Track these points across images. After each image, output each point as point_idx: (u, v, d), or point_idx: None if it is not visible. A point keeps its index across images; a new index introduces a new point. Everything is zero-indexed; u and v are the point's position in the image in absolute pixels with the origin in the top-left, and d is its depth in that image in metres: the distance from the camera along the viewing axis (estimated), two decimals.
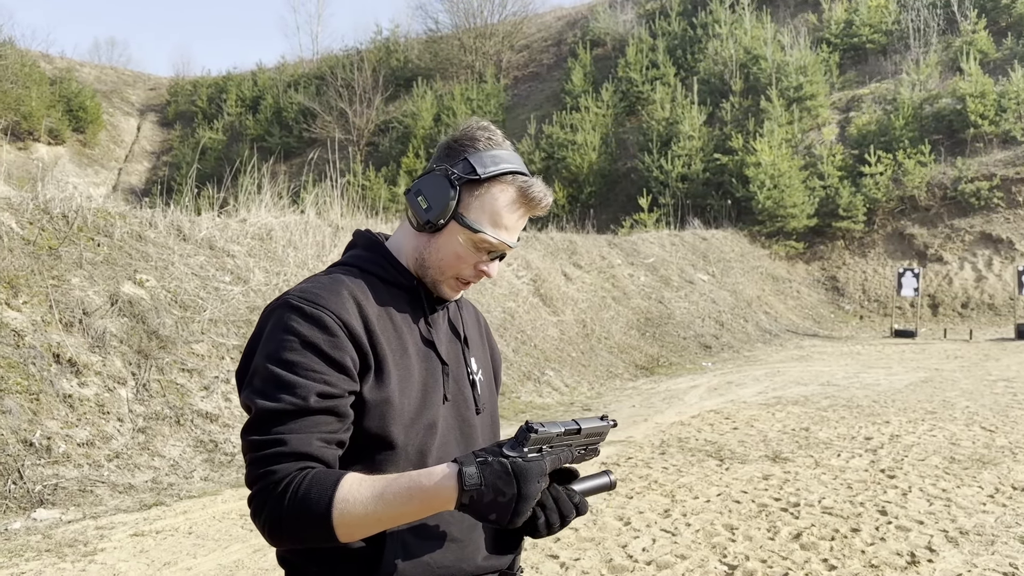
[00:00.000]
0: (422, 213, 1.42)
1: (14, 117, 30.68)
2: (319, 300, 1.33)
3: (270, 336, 1.32)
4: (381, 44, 35.94)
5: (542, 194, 1.44)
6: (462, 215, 1.40)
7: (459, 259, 1.43)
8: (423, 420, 1.39)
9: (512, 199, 1.42)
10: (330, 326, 1.31)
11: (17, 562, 4.27)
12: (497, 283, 11.70)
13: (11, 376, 6.15)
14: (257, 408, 1.28)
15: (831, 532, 4.49)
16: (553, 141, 24.89)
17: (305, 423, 1.27)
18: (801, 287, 19.54)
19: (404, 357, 1.40)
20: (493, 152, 1.42)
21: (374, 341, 1.35)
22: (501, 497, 1.18)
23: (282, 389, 1.27)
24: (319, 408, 1.28)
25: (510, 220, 1.42)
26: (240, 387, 1.35)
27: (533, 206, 1.44)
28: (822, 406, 8.68)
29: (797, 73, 23.18)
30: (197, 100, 38.34)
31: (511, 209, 1.42)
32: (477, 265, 1.45)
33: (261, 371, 1.30)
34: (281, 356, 1.29)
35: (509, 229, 1.43)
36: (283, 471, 1.24)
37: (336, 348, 1.30)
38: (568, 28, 35.48)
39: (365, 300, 1.39)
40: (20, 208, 7.75)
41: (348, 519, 1.21)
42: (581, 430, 1.33)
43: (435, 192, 1.41)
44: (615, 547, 4.35)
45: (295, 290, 1.37)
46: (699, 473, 5.98)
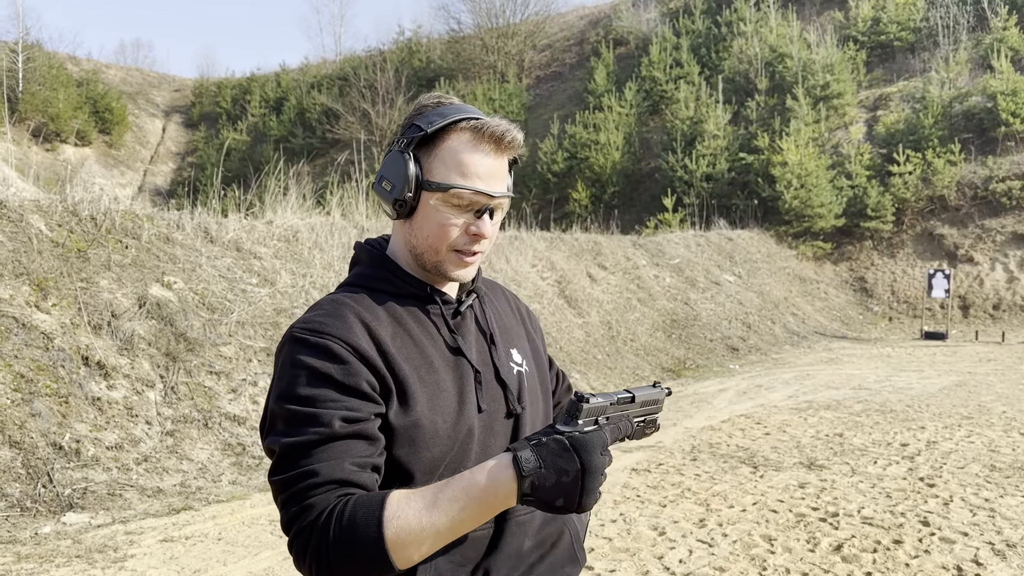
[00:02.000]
0: (388, 195, 1.33)
1: (42, 119, 31.04)
2: (323, 328, 1.26)
3: (280, 375, 1.26)
4: (403, 45, 35.98)
5: (502, 128, 1.31)
6: (427, 180, 1.30)
7: (444, 227, 1.31)
8: (460, 434, 1.30)
9: (469, 140, 1.30)
10: (339, 353, 1.23)
11: (48, 568, 4.25)
12: (522, 284, 11.62)
13: (40, 379, 6.16)
14: (280, 447, 1.20)
15: (873, 544, 4.37)
16: (576, 141, 24.76)
17: (333, 450, 1.18)
18: (829, 288, 19.30)
19: (431, 372, 1.30)
20: (441, 109, 1.33)
21: (391, 363, 1.26)
22: (564, 477, 1.09)
23: (302, 423, 1.20)
24: (345, 434, 1.19)
25: (478, 165, 1.30)
26: (262, 435, 1.27)
27: (498, 143, 1.31)
28: (855, 411, 8.52)
29: (824, 71, 22.90)
30: (221, 101, 38.59)
31: (473, 151, 1.30)
32: (467, 229, 1.32)
33: (277, 412, 1.23)
34: (294, 393, 1.22)
35: (482, 176, 1.30)
36: (321, 503, 1.15)
37: (349, 375, 1.22)
38: (591, 27, 35.32)
39: (375, 321, 1.30)
40: (49, 210, 7.78)
41: (403, 537, 1.11)
42: (635, 398, 1.28)
43: (393, 170, 1.32)
44: (651, 558, 4.26)
45: (299, 322, 1.29)
46: (733, 481, 5.86)
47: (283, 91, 36.41)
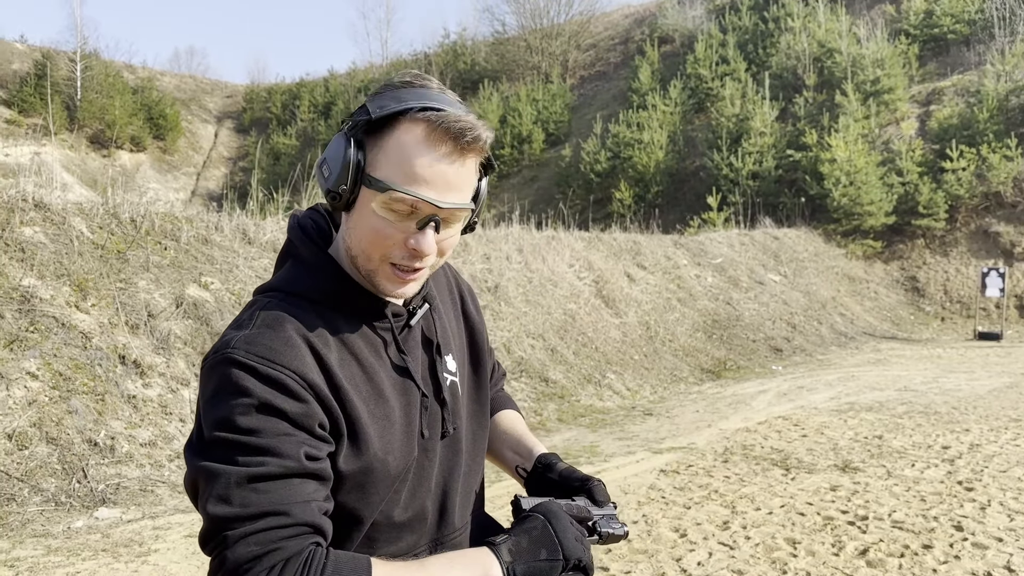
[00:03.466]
0: (324, 183, 1.14)
1: (99, 125, 31.97)
2: (274, 356, 1.08)
3: (217, 399, 1.07)
4: (448, 48, 36.20)
5: (462, 123, 1.10)
6: (368, 175, 1.11)
7: (379, 234, 1.12)
8: (407, 465, 1.20)
9: (422, 138, 1.09)
10: (295, 390, 1.07)
11: (74, 561, 4.35)
12: (558, 284, 11.57)
13: (78, 377, 6.31)
14: (224, 473, 1.02)
15: (901, 548, 4.23)
16: (619, 140, 24.59)
17: (296, 488, 1.04)
18: (879, 288, 18.83)
19: (380, 403, 1.17)
20: (400, 91, 1.12)
21: (343, 399, 1.12)
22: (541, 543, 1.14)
23: (255, 453, 1.04)
24: (307, 472, 1.05)
25: (429, 168, 1.09)
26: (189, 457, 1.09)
27: (456, 140, 1.10)
28: (897, 413, 8.29)
29: (874, 66, 22.37)
30: (271, 106, 39.30)
31: (425, 150, 1.09)
32: (406, 240, 1.13)
33: (218, 439, 1.05)
34: (240, 424, 1.04)
35: (431, 181, 1.10)
36: (293, 548, 1.01)
37: (306, 415, 1.07)
38: (636, 26, 35.09)
39: (324, 346, 1.13)
40: (91, 213, 7.98)
41: None
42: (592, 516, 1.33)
43: (334, 155, 1.13)
44: (668, 560, 4.19)
45: (239, 341, 1.09)
46: (763, 483, 5.74)
47: (331, 96, 36.92)
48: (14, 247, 6.99)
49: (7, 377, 6.03)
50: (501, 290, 10.55)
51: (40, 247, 7.13)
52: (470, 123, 1.11)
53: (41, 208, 7.63)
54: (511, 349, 9.54)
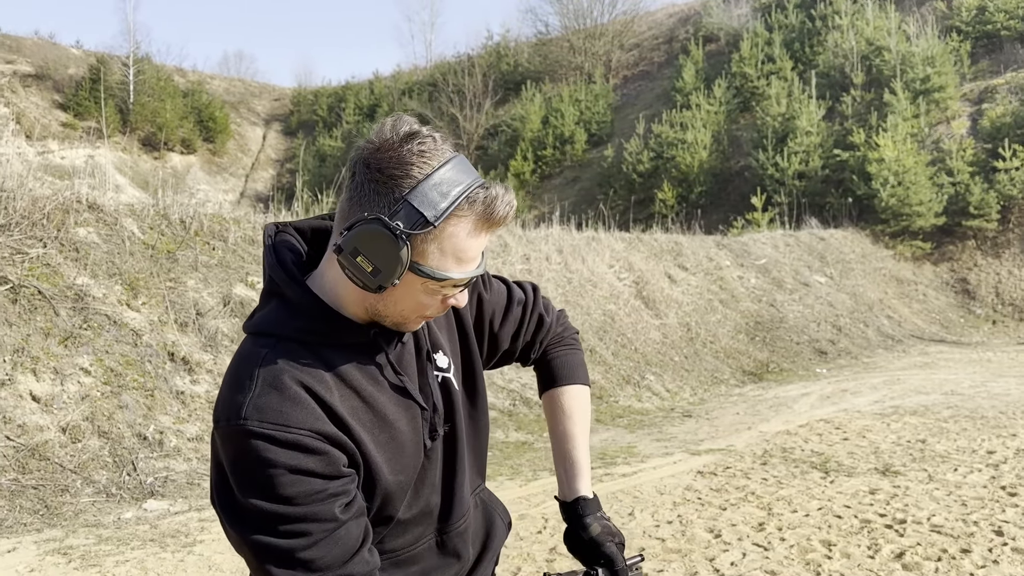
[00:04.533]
0: (370, 279, 1.13)
1: (151, 128, 32.74)
2: (286, 420, 1.11)
3: (243, 469, 1.12)
4: (492, 49, 36.35)
5: (505, 207, 1.16)
6: (418, 265, 1.14)
7: (424, 305, 1.20)
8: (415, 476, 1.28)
9: (472, 228, 1.15)
10: (314, 447, 1.12)
11: (123, 550, 4.52)
12: (598, 285, 11.59)
13: (129, 373, 6.53)
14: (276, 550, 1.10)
15: (938, 552, 4.19)
16: (662, 140, 24.47)
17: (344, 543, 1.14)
18: (928, 290, 18.47)
19: (385, 429, 1.23)
20: (435, 179, 1.12)
21: (352, 436, 1.17)
22: None
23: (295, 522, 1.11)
24: (347, 519, 1.15)
25: (475, 249, 1.17)
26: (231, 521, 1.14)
27: (498, 224, 1.18)
28: (942, 416, 8.15)
29: (924, 64, 21.93)
30: (318, 109, 39.82)
31: (473, 237, 1.16)
32: (444, 300, 1.21)
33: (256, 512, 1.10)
34: (272, 493, 1.10)
35: (476, 257, 1.18)
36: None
37: (329, 464, 1.13)
38: (680, 25, 34.86)
39: (323, 389, 1.17)
40: (142, 214, 8.23)
41: None
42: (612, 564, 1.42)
43: (379, 252, 1.11)
44: (702, 560, 4.20)
45: (249, 410, 1.12)
46: (801, 486, 5.71)
47: (376, 98, 37.32)
48: (69, 247, 7.25)
49: (62, 372, 6.27)
50: (540, 290, 10.60)
51: (93, 247, 7.37)
52: (508, 203, 1.16)
53: (95, 209, 7.89)
54: None
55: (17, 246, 6.89)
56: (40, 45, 35.62)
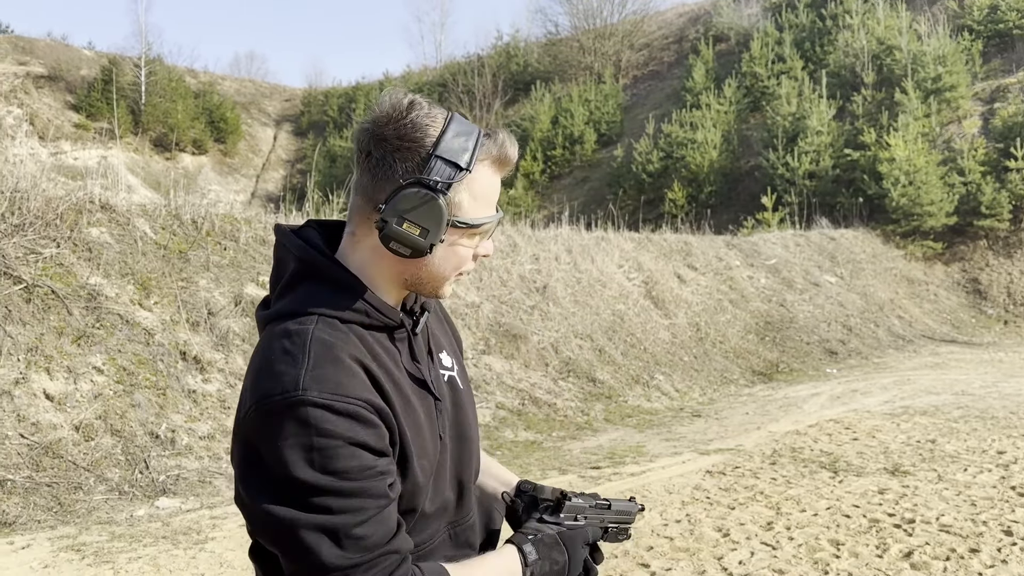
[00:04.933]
0: (420, 241, 1.17)
1: (162, 129, 32.92)
2: (344, 390, 1.12)
3: (298, 446, 1.10)
4: (501, 49, 36.39)
5: (513, 149, 1.25)
6: (455, 217, 1.19)
7: (462, 259, 1.25)
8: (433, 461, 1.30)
9: (491, 169, 1.24)
10: (368, 418, 1.13)
11: (136, 547, 4.56)
12: (607, 285, 11.60)
13: (141, 372, 6.58)
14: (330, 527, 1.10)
15: (946, 552, 4.19)
16: (672, 140, 24.43)
17: (386, 522, 1.14)
18: (939, 290, 18.39)
19: (409, 411, 1.23)
20: (452, 132, 1.19)
21: (396, 415, 1.19)
22: (555, 565, 1.31)
23: (349, 496, 1.11)
24: (392, 500, 1.17)
25: (497, 190, 1.26)
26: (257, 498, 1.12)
27: (507, 163, 1.26)
28: (953, 417, 8.13)
29: (935, 63, 21.83)
30: (328, 110, 39.94)
31: (495, 179, 1.25)
32: (476, 253, 1.28)
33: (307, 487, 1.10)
34: (332, 467, 1.10)
35: (495, 201, 1.27)
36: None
37: (380, 439, 1.15)
38: (690, 24, 34.81)
39: (371, 361, 1.19)
40: (154, 214, 8.29)
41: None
42: (611, 506, 1.46)
43: (424, 211, 1.16)
44: (710, 559, 4.22)
45: (307, 380, 1.11)
46: (809, 485, 5.72)
47: None
48: (82, 247, 7.31)
49: (75, 371, 6.33)
50: (549, 290, 10.62)
51: (106, 247, 7.44)
52: (513, 142, 1.25)
53: (107, 209, 7.96)
54: (559, 349, 9.61)
55: (31, 246, 6.95)
56: (53, 47, 35.88)
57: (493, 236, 1.31)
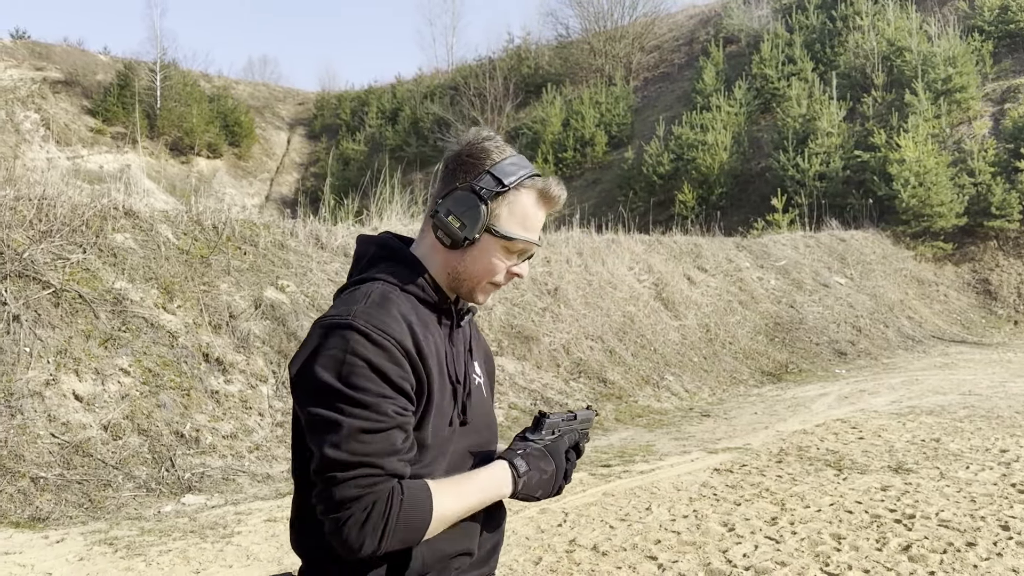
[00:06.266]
0: (457, 232, 1.46)
1: (177, 133, 33.29)
2: (384, 327, 1.38)
3: (333, 357, 1.36)
4: (512, 52, 36.57)
5: (559, 190, 1.52)
6: (493, 226, 1.47)
7: (494, 267, 1.50)
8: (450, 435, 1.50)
9: (535, 200, 1.50)
10: (396, 355, 1.37)
11: (166, 541, 4.77)
12: (618, 287, 11.77)
13: (166, 373, 6.81)
14: (338, 424, 1.34)
15: (944, 545, 4.35)
16: (682, 142, 24.56)
17: (387, 442, 1.35)
18: (949, 290, 18.46)
19: (441, 377, 1.47)
20: (509, 160, 1.49)
21: (427, 367, 1.42)
22: (544, 474, 1.49)
23: (359, 406, 1.34)
24: (395, 425, 1.36)
25: (536, 221, 1.51)
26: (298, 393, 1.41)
27: (553, 203, 1.53)
28: (958, 416, 8.26)
29: (945, 64, 21.89)
30: (341, 113, 40.23)
31: (536, 209, 1.50)
32: (510, 269, 1.52)
33: (332, 392, 1.35)
34: (355, 381, 1.34)
35: (537, 229, 1.52)
36: (382, 491, 1.34)
37: (402, 377, 1.38)
38: (701, 26, 34.91)
39: (416, 323, 1.44)
40: (176, 220, 8.52)
41: (438, 524, 1.41)
42: (576, 417, 1.65)
43: (467, 210, 1.46)
44: (715, 552, 4.39)
45: (360, 312, 1.39)
46: (814, 482, 5.88)
47: (398, 102, 37.65)
48: (107, 252, 7.55)
49: (102, 373, 6.56)
50: (560, 293, 10.81)
51: (130, 252, 7.67)
52: (561, 188, 1.54)
53: (131, 216, 8.19)
54: (570, 351, 9.79)
55: (58, 252, 7.19)
56: (69, 52, 36.31)
57: (531, 263, 1.60)
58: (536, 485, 1.49)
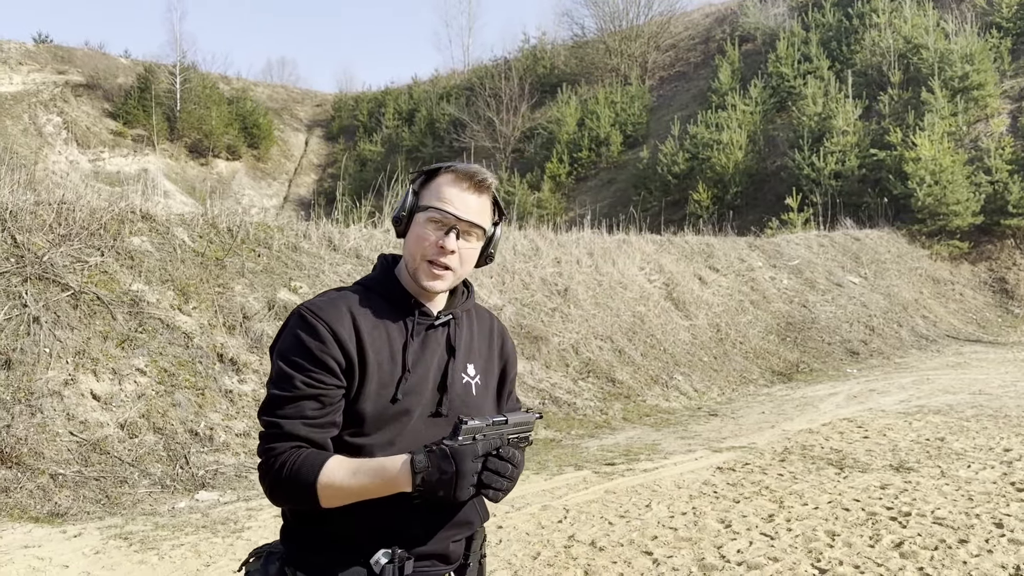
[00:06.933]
0: (395, 214, 1.78)
1: (197, 135, 33.68)
2: (319, 312, 1.68)
3: (284, 336, 1.70)
4: (528, 52, 36.69)
5: (475, 169, 1.74)
6: (417, 204, 1.74)
7: (421, 238, 1.72)
8: (393, 415, 1.70)
9: (451, 179, 1.73)
10: (322, 334, 1.65)
11: (178, 535, 4.94)
12: (628, 287, 11.85)
13: (181, 373, 6.98)
14: (268, 394, 1.68)
15: (936, 542, 4.43)
16: (697, 141, 24.57)
17: (296, 408, 1.63)
18: (965, 289, 18.37)
19: (391, 364, 1.70)
20: (437, 164, 1.78)
21: (362, 349, 1.67)
22: (444, 475, 1.54)
23: (283, 380, 1.65)
24: (305, 395, 1.63)
25: (455, 196, 1.71)
26: None
27: (471, 179, 1.73)
28: (965, 416, 8.29)
29: (962, 62, 21.76)
30: (358, 114, 40.51)
31: (451, 185, 1.72)
32: (437, 242, 1.70)
33: (273, 364, 1.69)
34: (285, 354, 1.67)
35: (454, 203, 1.71)
36: (280, 448, 1.63)
37: (323, 352, 1.64)
38: (716, 25, 34.84)
39: (362, 314, 1.71)
40: (192, 223, 8.71)
41: (328, 491, 1.60)
42: (508, 421, 1.67)
43: (401, 201, 1.77)
44: (710, 547, 4.49)
45: (307, 301, 1.73)
46: (814, 481, 5.95)
47: (415, 103, 37.86)
48: (124, 255, 7.74)
49: (119, 373, 6.74)
50: (571, 293, 10.91)
51: (147, 255, 7.86)
52: (482, 170, 1.74)
53: (148, 219, 8.39)
54: (579, 350, 9.89)
55: (77, 255, 7.39)
56: (90, 55, 36.80)
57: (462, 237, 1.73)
58: (436, 484, 1.55)
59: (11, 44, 34.33)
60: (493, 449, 1.59)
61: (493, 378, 1.90)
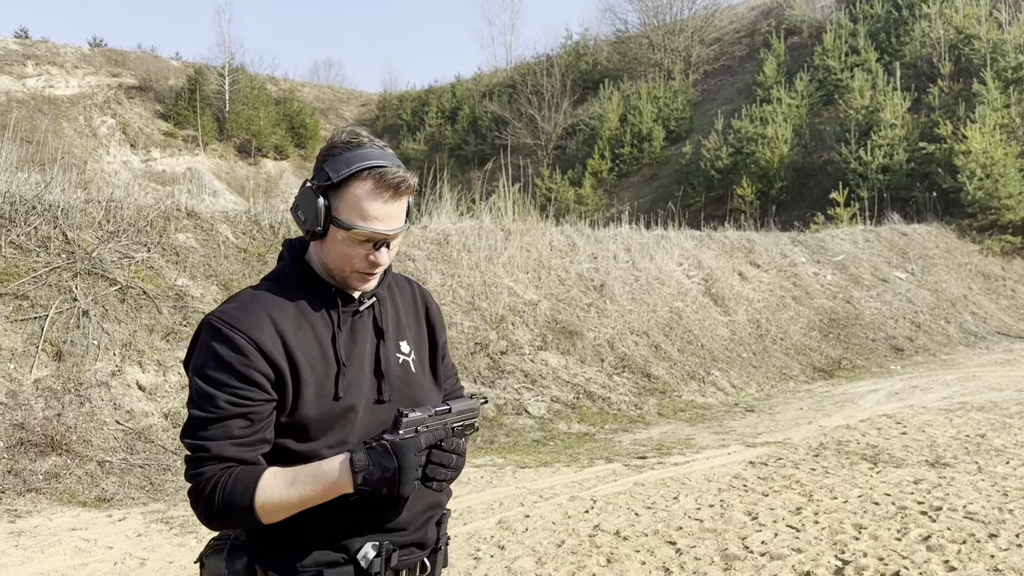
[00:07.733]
0: (302, 225, 1.59)
1: (246, 136, 34.32)
2: (234, 322, 1.52)
3: (198, 352, 1.55)
4: (571, 49, 36.63)
5: (398, 177, 1.54)
6: (335, 217, 1.54)
7: (347, 256, 1.57)
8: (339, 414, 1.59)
9: (370, 190, 1.53)
10: (242, 346, 1.50)
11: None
12: (665, 282, 11.82)
13: None
14: (189, 415, 1.53)
15: (965, 536, 4.38)
16: (742, 136, 24.31)
17: (222, 429, 1.50)
18: (1017, 285, 17.91)
19: (324, 362, 1.59)
20: (348, 154, 1.55)
21: (291, 355, 1.54)
22: (386, 472, 1.45)
23: (204, 399, 1.51)
24: (232, 415, 1.50)
25: (377, 209, 1.54)
26: None
27: (394, 189, 1.55)
28: (1009, 412, 8.13)
29: (1016, 52, 21.19)
30: (402, 113, 40.88)
31: (373, 199, 1.53)
32: (367, 256, 1.57)
33: (191, 382, 1.54)
34: (203, 372, 1.52)
35: (380, 218, 1.54)
36: (208, 472, 1.49)
37: (247, 366, 1.50)
38: (762, 18, 34.40)
39: (282, 316, 1.57)
40: (235, 220, 8.94)
41: (268, 507, 1.48)
42: (452, 410, 1.60)
43: (307, 205, 1.56)
44: (734, 539, 4.51)
45: (217, 310, 1.56)
46: (846, 475, 5.91)
47: (458, 101, 38.07)
48: (170, 251, 7.99)
49: (164, 364, 6.97)
50: (607, 288, 10.92)
51: (192, 251, 8.10)
52: (402, 176, 1.55)
53: (193, 216, 8.64)
54: (615, 345, 9.91)
55: (124, 251, 7.65)
56: (143, 58, 37.75)
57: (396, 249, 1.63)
58: (378, 482, 1.46)
59: (67, 48, 35.40)
60: (437, 441, 1.52)
61: (425, 349, 1.81)
